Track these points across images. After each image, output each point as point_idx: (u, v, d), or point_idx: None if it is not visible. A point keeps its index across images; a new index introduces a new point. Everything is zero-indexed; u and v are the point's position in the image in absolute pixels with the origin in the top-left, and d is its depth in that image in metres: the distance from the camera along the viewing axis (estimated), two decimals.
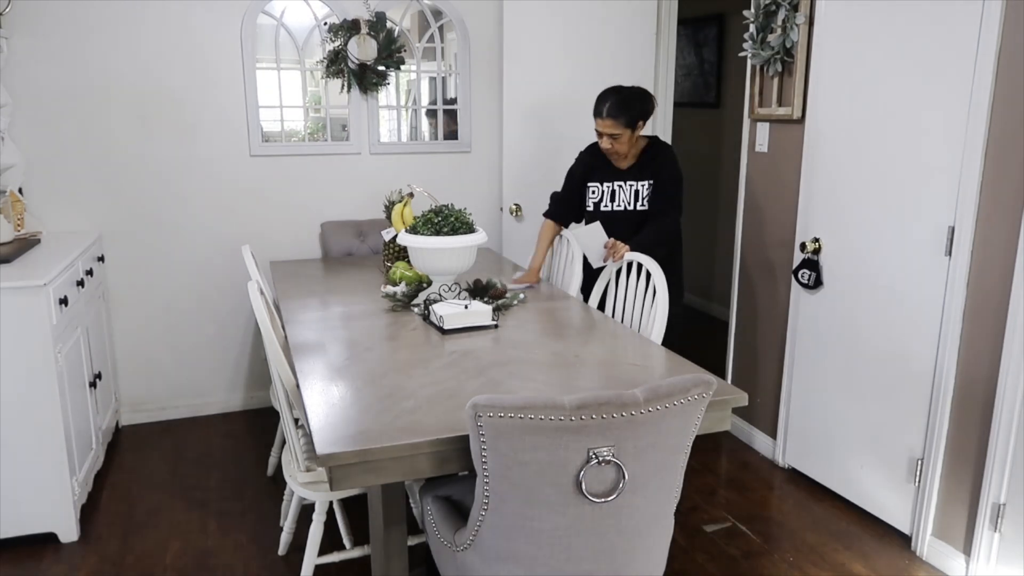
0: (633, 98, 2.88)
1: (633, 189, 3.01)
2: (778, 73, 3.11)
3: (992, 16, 2.28)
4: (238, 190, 3.68)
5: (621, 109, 2.85)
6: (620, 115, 2.85)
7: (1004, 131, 2.29)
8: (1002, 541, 2.38)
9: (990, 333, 2.38)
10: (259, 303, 2.13)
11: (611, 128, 2.87)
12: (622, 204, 3.03)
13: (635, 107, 2.87)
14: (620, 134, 2.88)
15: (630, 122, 2.87)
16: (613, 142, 2.90)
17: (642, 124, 2.92)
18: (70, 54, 3.33)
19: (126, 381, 3.70)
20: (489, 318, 2.45)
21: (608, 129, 2.88)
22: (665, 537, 1.74)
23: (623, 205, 3.03)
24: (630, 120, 2.87)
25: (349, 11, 3.63)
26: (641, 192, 3.00)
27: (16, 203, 3.18)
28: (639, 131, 2.93)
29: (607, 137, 2.90)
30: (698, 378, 1.60)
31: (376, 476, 1.63)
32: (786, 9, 3.00)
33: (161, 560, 2.61)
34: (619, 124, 2.86)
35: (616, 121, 2.86)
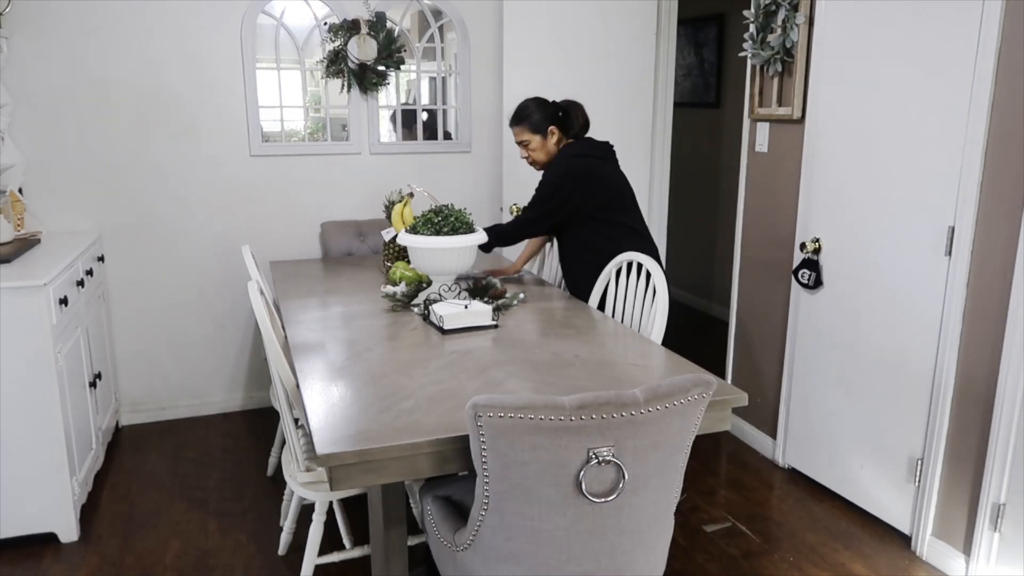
0: (535, 106, 2.88)
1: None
2: (778, 73, 3.11)
3: (992, 16, 2.28)
4: (238, 190, 3.68)
5: (520, 115, 2.89)
6: (520, 121, 2.88)
7: (1004, 131, 2.29)
8: (1002, 541, 2.38)
9: (990, 333, 2.38)
10: (259, 303, 2.13)
11: (517, 135, 2.91)
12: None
13: (534, 113, 2.87)
14: (527, 140, 2.88)
15: (534, 127, 2.87)
16: (525, 149, 2.92)
17: (555, 131, 2.88)
18: (70, 54, 3.33)
19: (126, 381, 3.70)
20: (489, 318, 2.45)
21: (516, 136, 2.92)
22: (665, 537, 1.74)
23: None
24: (532, 126, 2.87)
25: (349, 11, 3.63)
26: None
27: (16, 203, 3.18)
28: (552, 139, 2.88)
29: (520, 146, 2.93)
30: (698, 378, 1.60)
31: (376, 476, 1.63)
32: (786, 9, 3.00)
33: (161, 560, 2.61)
34: (523, 129, 2.88)
35: (518, 127, 2.89)
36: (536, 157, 2.91)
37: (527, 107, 2.89)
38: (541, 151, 2.90)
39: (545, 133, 2.86)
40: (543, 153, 2.90)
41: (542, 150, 2.89)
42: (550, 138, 2.87)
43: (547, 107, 2.88)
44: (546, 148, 2.89)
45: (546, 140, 2.87)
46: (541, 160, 2.92)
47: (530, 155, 2.92)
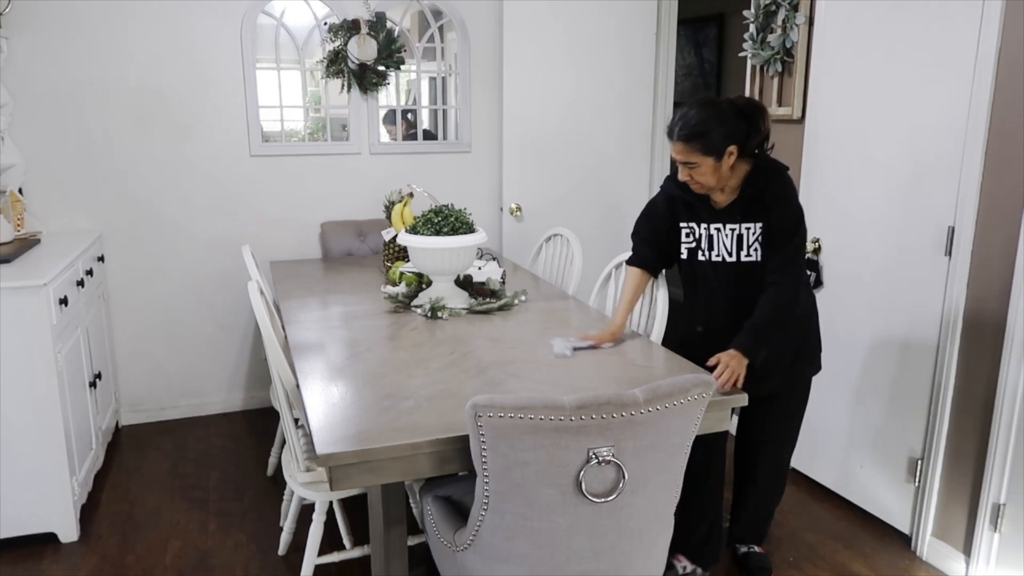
0: (715, 116, 2.09)
1: (735, 234, 2.22)
2: (778, 73, 3.11)
3: (992, 16, 2.28)
4: (238, 190, 3.68)
5: (695, 131, 2.09)
6: (693, 140, 2.09)
7: (1004, 131, 2.29)
8: (1002, 541, 2.38)
9: (990, 333, 2.38)
10: (259, 303, 2.13)
11: (683, 155, 2.13)
12: (721, 254, 2.25)
13: (716, 128, 2.08)
14: (697, 163, 2.12)
15: (709, 148, 2.09)
16: (691, 172, 2.15)
17: (733, 152, 2.12)
18: (70, 54, 3.33)
19: (126, 381, 3.70)
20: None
21: (681, 156, 2.14)
22: (665, 537, 1.74)
23: (722, 255, 2.25)
24: (708, 146, 2.09)
25: (349, 11, 3.63)
26: (746, 237, 2.21)
27: (16, 203, 3.18)
28: (731, 160, 2.13)
29: (682, 166, 2.16)
30: (698, 378, 1.60)
31: (376, 476, 1.63)
32: (786, 9, 3.00)
33: (161, 560, 2.61)
34: (692, 151, 2.10)
35: (688, 147, 2.10)
36: (705, 182, 2.16)
37: (702, 120, 2.09)
38: (713, 175, 2.14)
39: (723, 155, 2.11)
40: (716, 177, 2.15)
41: (713, 174, 2.14)
42: (727, 161, 2.13)
43: (728, 120, 2.11)
44: (719, 172, 2.14)
45: (720, 163, 2.12)
46: (711, 185, 2.17)
47: (695, 179, 2.16)
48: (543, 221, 3.93)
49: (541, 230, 3.86)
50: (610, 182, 4.09)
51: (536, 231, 3.91)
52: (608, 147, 4.05)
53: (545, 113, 3.88)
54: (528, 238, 3.93)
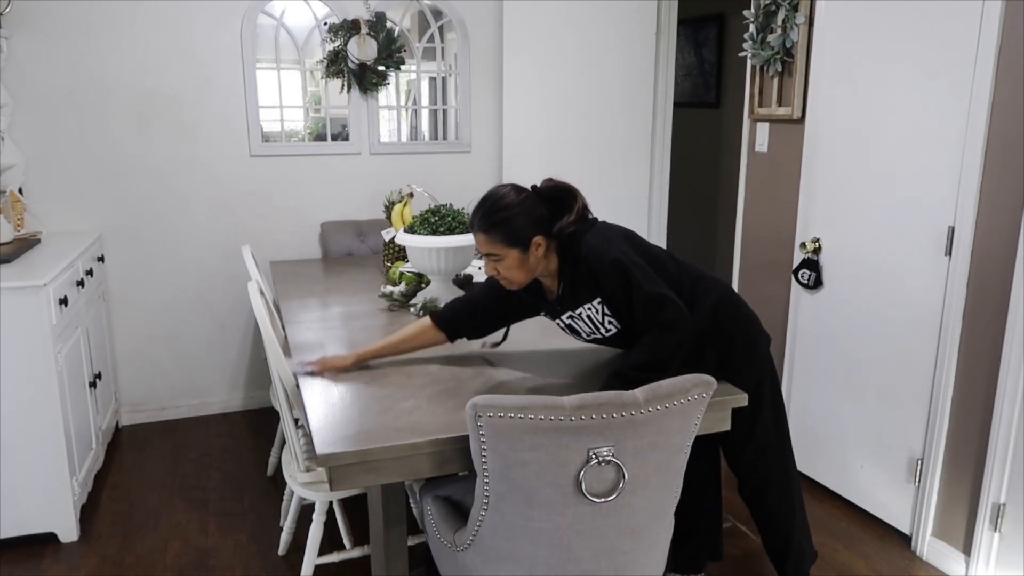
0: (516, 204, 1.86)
1: (584, 315, 1.99)
2: (778, 73, 3.11)
3: (992, 16, 2.28)
4: (238, 190, 3.68)
5: (496, 220, 1.86)
6: (495, 229, 1.86)
7: (1004, 131, 2.29)
8: (1002, 541, 2.38)
9: (990, 333, 2.38)
10: (259, 303, 2.13)
11: (486, 246, 1.88)
12: (591, 336, 2.06)
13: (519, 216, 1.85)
14: (501, 256, 1.87)
15: (512, 239, 1.85)
16: (497, 266, 1.90)
17: (541, 244, 1.87)
18: (70, 54, 3.33)
19: (126, 381, 3.70)
20: None
21: (484, 248, 1.89)
22: (665, 537, 1.74)
23: (592, 335, 2.05)
24: (510, 237, 1.85)
25: (349, 11, 3.63)
26: (596, 316, 1.98)
27: (16, 203, 3.18)
28: (539, 252, 1.89)
29: (488, 259, 1.91)
30: (698, 378, 1.60)
31: (376, 476, 1.63)
32: (786, 9, 3.00)
33: (161, 560, 2.61)
34: (495, 241, 1.86)
35: (489, 237, 1.87)
36: (514, 277, 1.92)
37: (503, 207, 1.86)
38: (519, 270, 1.90)
39: (528, 247, 1.87)
40: (521, 272, 1.91)
41: (521, 268, 1.90)
42: (535, 252, 1.88)
43: (531, 207, 1.88)
44: (527, 266, 1.90)
45: (527, 256, 1.88)
46: (519, 280, 1.93)
47: (502, 274, 1.92)
48: None
49: None
50: (610, 182, 4.09)
51: None
52: (608, 147, 4.05)
53: (545, 113, 3.88)
54: None
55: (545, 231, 1.88)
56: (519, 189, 1.91)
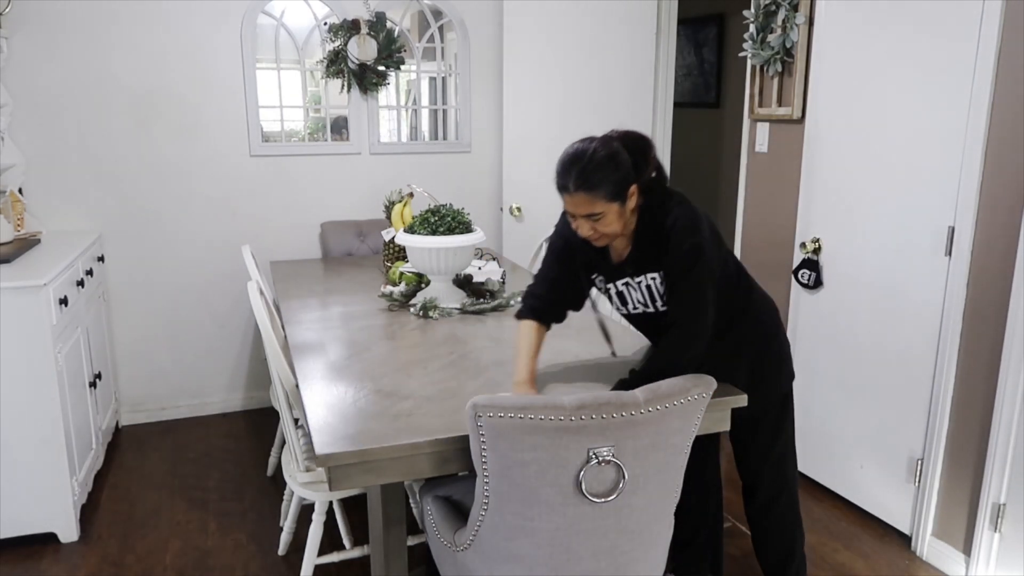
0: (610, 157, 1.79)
1: (643, 286, 1.94)
2: (778, 73, 3.11)
3: (992, 16, 2.28)
4: (238, 190, 3.68)
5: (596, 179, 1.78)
6: (597, 188, 1.78)
7: (1004, 131, 2.29)
8: (1002, 541, 2.38)
9: (990, 333, 2.38)
10: (259, 303, 2.13)
11: (586, 207, 1.80)
12: (639, 307, 1.99)
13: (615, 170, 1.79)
14: (602, 213, 1.80)
15: (614, 193, 1.79)
16: (595, 225, 1.82)
17: (635, 192, 1.83)
18: (70, 54, 3.33)
19: (126, 381, 3.70)
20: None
21: (583, 208, 1.80)
22: (665, 537, 1.74)
23: (640, 308, 1.98)
24: (612, 191, 1.79)
25: (349, 11, 3.63)
26: (655, 287, 1.92)
27: (16, 203, 3.18)
28: (633, 201, 1.84)
29: (584, 221, 1.83)
30: (698, 378, 1.60)
31: (375, 476, 1.63)
32: (786, 9, 3.00)
33: (161, 560, 2.61)
34: (596, 199, 1.78)
35: (591, 196, 1.78)
36: (609, 231, 1.84)
37: (601, 163, 1.78)
38: (618, 222, 1.83)
39: (625, 198, 1.82)
40: (619, 223, 1.84)
41: (619, 220, 1.83)
42: (629, 203, 1.83)
43: (621, 156, 1.81)
44: (624, 217, 1.84)
45: (624, 208, 1.82)
46: (615, 232, 1.86)
47: (599, 231, 1.84)
48: (543, 221, 3.92)
49: (541, 230, 3.86)
50: None
51: (536, 231, 3.91)
52: None
53: (545, 113, 3.88)
54: (528, 238, 3.93)
55: (636, 179, 1.82)
56: (605, 139, 1.84)
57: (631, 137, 1.87)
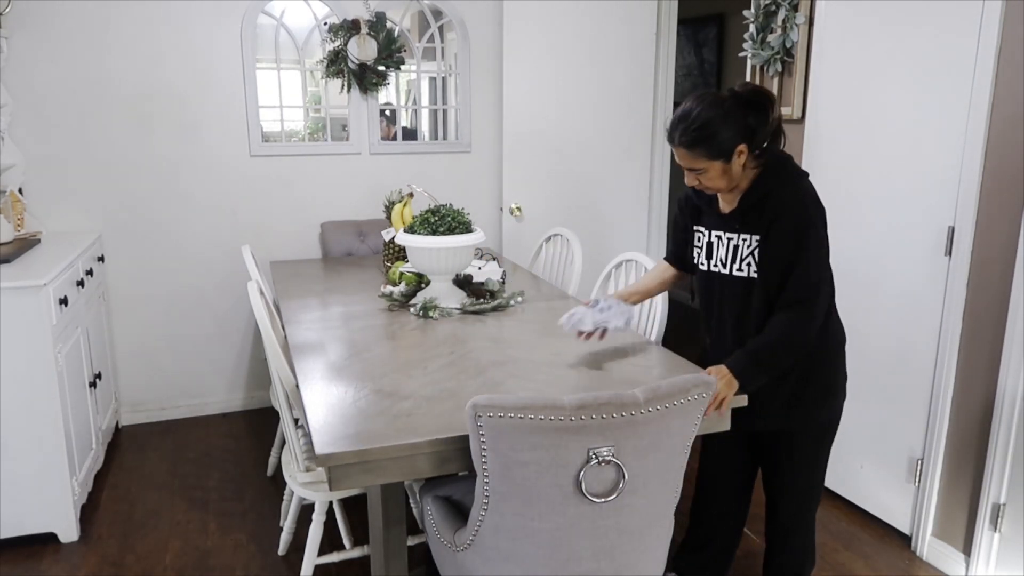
0: (719, 115, 1.80)
1: (732, 244, 1.96)
2: (778, 73, 3.11)
3: (992, 16, 2.28)
4: (238, 190, 3.68)
5: (699, 135, 1.82)
6: (698, 144, 1.82)
7: (1004, 131, 2.29)
8: (1002, 541, 2.37)
9: (990, 333, 2.38)
10: (259, 303, 2.13)
11: (688, 161, 1.87)
12: (717, 264, 2.01)
13: (721, 128, 1.80)
14: (704, 168, 1.86)
15: (716, 151, 1.83)
16: (699, 178, 1.89)
17: (743, 151, 1.84)
18: (70, 54, 3.33)
19: (126, 381, 3.70)
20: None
21: (685, 162, 1.88)
22: (665, 537, 1.74)
23: (718, 265, 2.01)
24: (714, 150, 1.82)
25: (349, 11, 3.63)
26: (742, 249, 1.94)
27: (16, 203, 3.18)
28: (741, 159, 1.85)
29: (689, 172, 1.91)
30: (698, 378, 1.60)
31: (375, 476, 1.63)
32: (786, 9, 3.00)
33: (161, 560, 2.61)
34: (698, 156, 1.84)
35: (692, 153, 1.84)
36: (715, 186, 1.90)
37: (708, 121, 1.81)
38: (722, 179, 1.88)
39: (731, 156, 1.84)
40: (724, 180, 1.88)
41: (723, 177, 1.88)
42: (736, 161, 1.85)
43: (734, 115, 1.82)
44: (729, 174, 1.87)
45: (730, 165, 1.85)
46: (720, 188, 1.92)
47: (703, 183, 1.91)
48: (543, 221, 3.93)
49: (541, 230, 3.86)
50: (610, 182, 4.09)
51: (536, 231, 3.91)
52: (608, 147, 4.05)
53: (545, 113, 3.88)
54: (528, 238, 3.93)
55: (747, 138, 1.84)
56: (719, 96, 1.84)
57: (753, 92, 1.87)
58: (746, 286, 1.95)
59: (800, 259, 1.85)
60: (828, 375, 2.08)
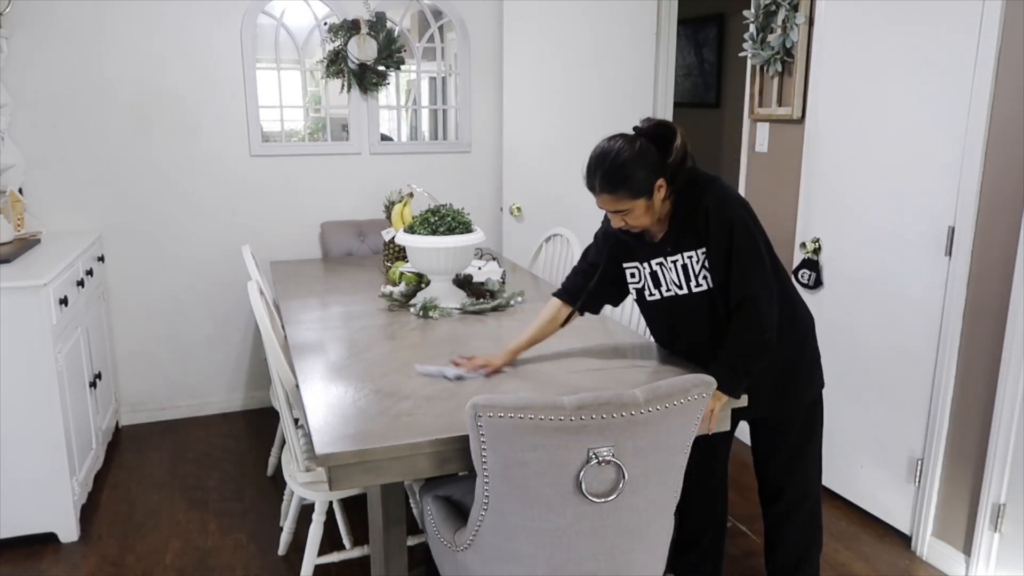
0: (632, 156, 1.85)
1: (679, 265, 1.99)
2: (778, 73, 3.11)
3: (992, 16, 2.28)
4: (238, 190, 3.68)
5: (618, 179, 1.86)
6: (619, 188, 1.87)
7: (1004, 131, 2.29)
8: (1002, 541, 2.37)
9: (990, 333, 2.38)
10: (259, 303, 2.13)
11: (613, 204, 1.91)
12: (672, 289, 2.03)
13: (638, 169, 1.85)
14: (629, 209, 1.90)
15: (637, 191, 1.87)
16: (625, 219, 1.93)
17: (663, 185, 1.89)
18: (70, 54, 3.33)
19: (126, 381, 3.70)
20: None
21: (610, 206, 1.92)
22: (665, 537, 1.74)
23: (673, 289, 2.02)
24: (636, 190, 1.87)
25: (349, 11, 3.63)
26: (691, 266, 1.97)
27: (16, 203, 3.18)
28: (662, 194, 1.90)
29: (614, 215, 1.95)
30: (698, 378, 1.60)
31: (375, 476, 1.63)
32: (786, 9, 3.00)
33: (161, 560, 2.61)
34: (621, 199, 1.89)
35: (615, 196, 1.88)
36: (640, 223, 1.95)
37: (623, 164, 1.85)
38: (646, 215, 1.92)
39: (652, 192, 1.89)
40: (648, 217, 1.93)
41: (647, 213, 1.92)
42: (657, 195, 1.90)
43: (646, 154, 1.87)
44: (652, 210, 1.92)
45: (652, 201, 1.90)
46: (646, 225, 1.96)
47: (631, 224, 1.95)
48: (543, 221, 3.93)
49: (541, 230, 3.86)
50: None
51: (536, 231, 3.91)
52: None
53: (545, 113, 3.88)
54: (528, 238, 3.93)
55: (663, 172, 1.89)
56: (629, 138, 1.90)
57: (656, 129, 1.92)
58: (710, 298, 1.98)
59: (734, 259, 1.89)
60: (807, 354, 2.14)
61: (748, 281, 1.89)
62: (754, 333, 1.90)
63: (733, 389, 1.91)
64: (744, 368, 1.91)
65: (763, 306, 1.89)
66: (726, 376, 1.89)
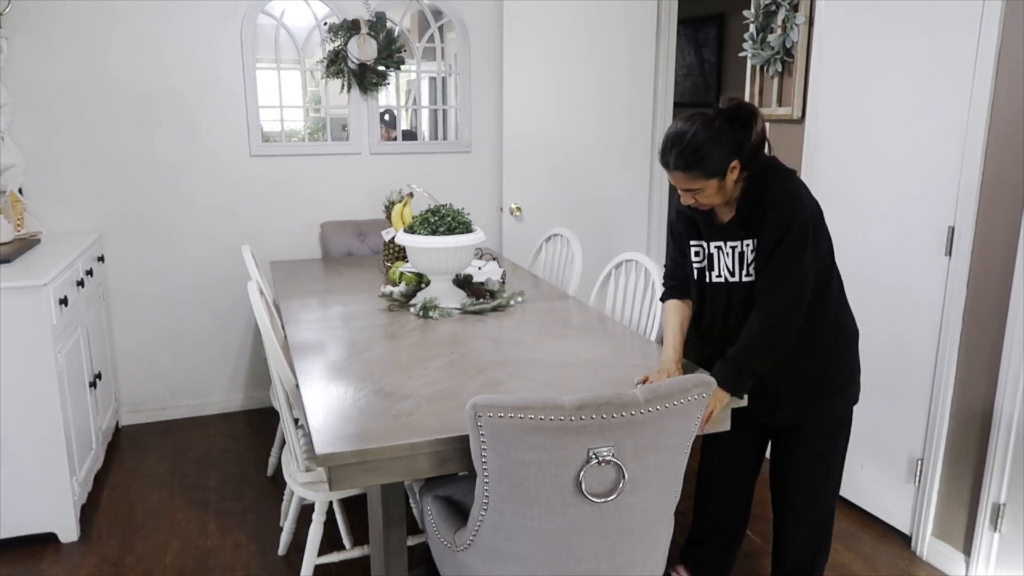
0: (710, 136, 1.87)
1: (736, 252, 1.99)
2: (778, 73, 3.11)
3: (992, 16, 2.28)
4: (238, 190, 3.68)
5: (693, 159, 1.87)
6: (693, 167, 1.88)
7: (1004, 131, 2.29)
8: (1002, 541, 2.38)
9: (990, 333, 2.38)
10: (259, 303, 2.13)
11: (685, 183, 1.92)
12: (723, 274, 2.03)
13: (714, 149, 1.86)
14: (700, 188, 1.91)
15: (711, 171, 1.88)
16: (696, 197, 1.94)
17: (736, 167, 1.90)
18: (70, 54, 3.33)
19: (126, 381, 3.70)
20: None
21: (682, 184, 1.93)
22: (665, 537, 1.74)
23: (724, 275, 2.03)
24: (709, 170, 1.88)
25: (349, 11, 3.63)
26: (746, 255, 1.98)
27: (16, 203, 3.18)
28: (735, 175, 1.92)
29: (685, 192, 1.96)
30: (698, 378, 1.60)
31: (375, 476, 1.63)
32: (786, 9, 3.00)
33: (161, 560, 2.61)
34: (694, 178, 1.89)
35: (688, 175, 1.89)
36: (711, 202, 1.96)
37: (700, 145, 1.87)
38: (718, 195, 1.94)
39: (726, 173, 1.90)
40: (720, 196, 1.94)
41: (719, 193, 1.93)
42: (730, 176, 1.91)
43: (724, 133, 1.88)
44: (724, 190, 1.93)
45: (725, 181, 1.91)
46: (716, 203, 1.97)
47: (700, 202, 1.96)
48: (543, 221, 3.93)
49: (541, 230, 3.87)
50: (610, 182, 4.09)
51: (536, 231, 3.91)
52: (608, 147, 4.05)
53: (545, 113, 3.88)
54: (528, 238, 3.93)
55: (738, 154, 1.90)
56: (708, 118, 1.90)
57: (736, 111, 1.92)
58: (751, 291, 1.99)
59: (775, 256, 1.91)
60: (845, 367, 2.12)
61: (778, 279, 1.90)
62: (765, 330, 1.90)
63: (736, 388, 1.90)
64: (750, 367, 1.90)
65: (782, 306, 1.90)
66: (731, 374, 1.89)
